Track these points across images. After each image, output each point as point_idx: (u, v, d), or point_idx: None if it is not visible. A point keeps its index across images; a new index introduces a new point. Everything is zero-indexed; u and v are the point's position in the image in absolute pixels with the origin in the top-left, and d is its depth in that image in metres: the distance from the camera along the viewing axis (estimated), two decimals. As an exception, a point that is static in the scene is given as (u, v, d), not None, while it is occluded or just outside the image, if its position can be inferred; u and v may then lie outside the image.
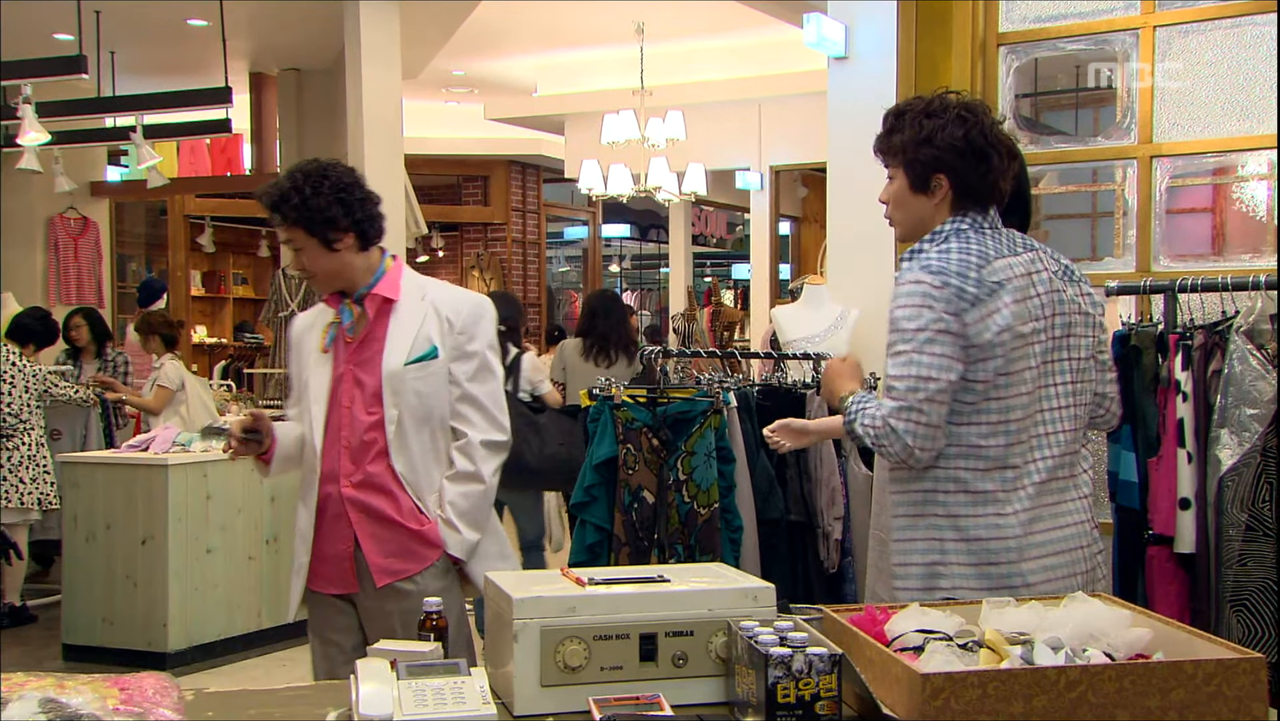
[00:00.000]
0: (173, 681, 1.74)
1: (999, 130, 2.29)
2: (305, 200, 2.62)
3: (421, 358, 2.68)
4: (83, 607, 5.52)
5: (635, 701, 1.68)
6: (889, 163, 2.33)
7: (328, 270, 2.69)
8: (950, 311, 2.15)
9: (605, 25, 9.20)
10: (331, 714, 1.65)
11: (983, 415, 2.19)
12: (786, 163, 10.68)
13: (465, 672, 1.70)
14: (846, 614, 1.82)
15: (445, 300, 2.74)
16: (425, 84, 10.21)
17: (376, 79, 6.51)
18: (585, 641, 1.73)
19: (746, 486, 3.60)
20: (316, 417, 2.70)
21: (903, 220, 2.35)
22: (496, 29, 9.06)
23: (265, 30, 8.24)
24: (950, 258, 2.19)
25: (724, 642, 1.75)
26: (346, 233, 2.66)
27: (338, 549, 2.71)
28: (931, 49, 3.50)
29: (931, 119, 2.25)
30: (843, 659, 1.55)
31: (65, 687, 1.57)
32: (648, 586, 1.83)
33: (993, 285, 2.18)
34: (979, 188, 2.26)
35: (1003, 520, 2.19)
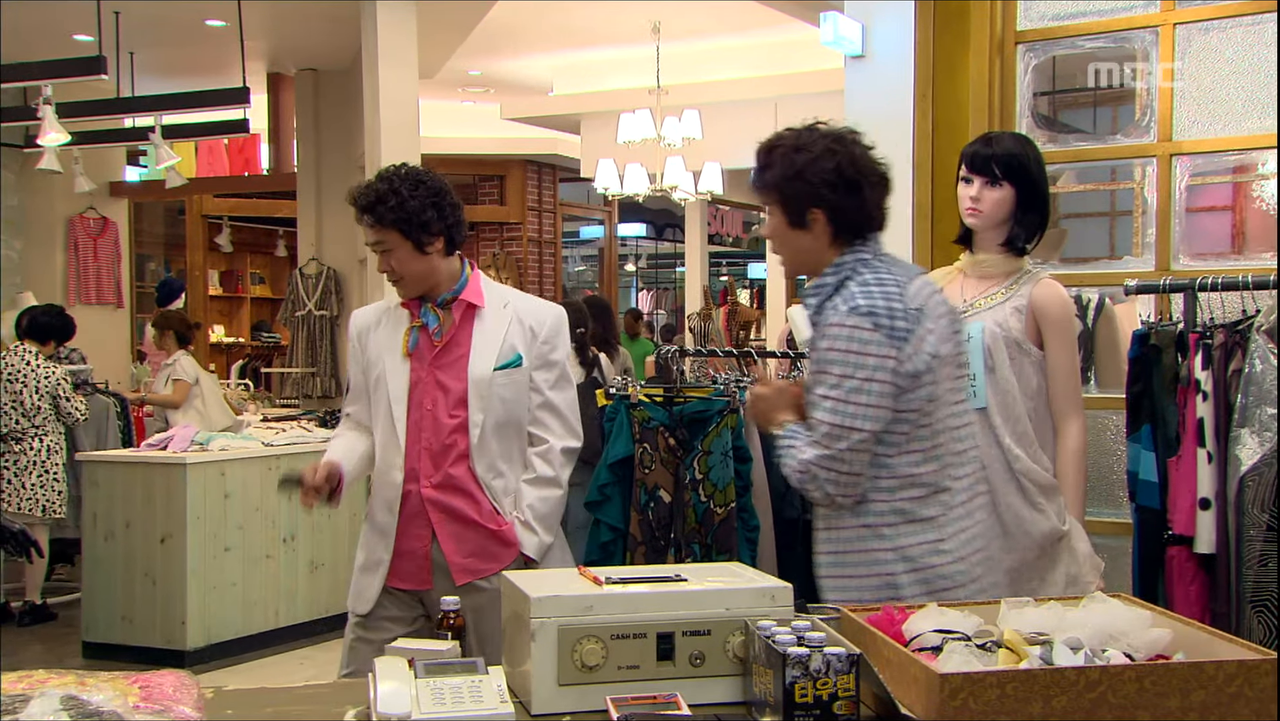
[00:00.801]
0: (192, 679, 1.75)
1: (870, 157, 2.29)
2: (403, 202, 2.67)
3: (508, 365, 2.75)
4: (102, 605, 5.55)
5: (653, 700, 1.68)
6: (765, 200, 2.33)
7: (417, 273, 2.73)
8: (884, 355, 2.14)
9: (621, 25, 9.20)
10: (350, 712, 1.66)
11: (915, 443, 2.19)
12: (803, 162, 10.64)
13: (483, 671, 1.70)
14: (864, 614, 1.81)
15: (528, 310, 2.83)
16: (442, 84, 10.23)
17: (393, 79, 6.52)
18: (602, 640, 1.73)
19: (763, 486, 3.59)
20: (399, 418, 2.75)
21: (787, 256, 2.35)
22: (513, 29, 9.07)
23: (283, 31, 8.27)
24: (873, 292, 2.18)
25: (741, 642, 1.75)
26: (438, 236, 2.71)
27: (414, 546, 2.76)
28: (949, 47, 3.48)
29: (801, 153, 2.25)
30: (861, 658, 1.55)
31: (86, 685, 1.59)
32: (665, 586, 1.82)
33: (915, 313, 2.18)
34: (856, 218, 2.25)
35: (944, 546, 2.20)
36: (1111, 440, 3.45)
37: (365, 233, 2.75)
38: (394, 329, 2.82)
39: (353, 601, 2.84)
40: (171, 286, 11.47)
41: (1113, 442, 3.44)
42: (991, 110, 3.58)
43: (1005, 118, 3.62)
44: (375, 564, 2.79)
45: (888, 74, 3.91)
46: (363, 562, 2.82)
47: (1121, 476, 3.13)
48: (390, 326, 2.83)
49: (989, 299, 2.70)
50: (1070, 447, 2.64)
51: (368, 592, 2.79)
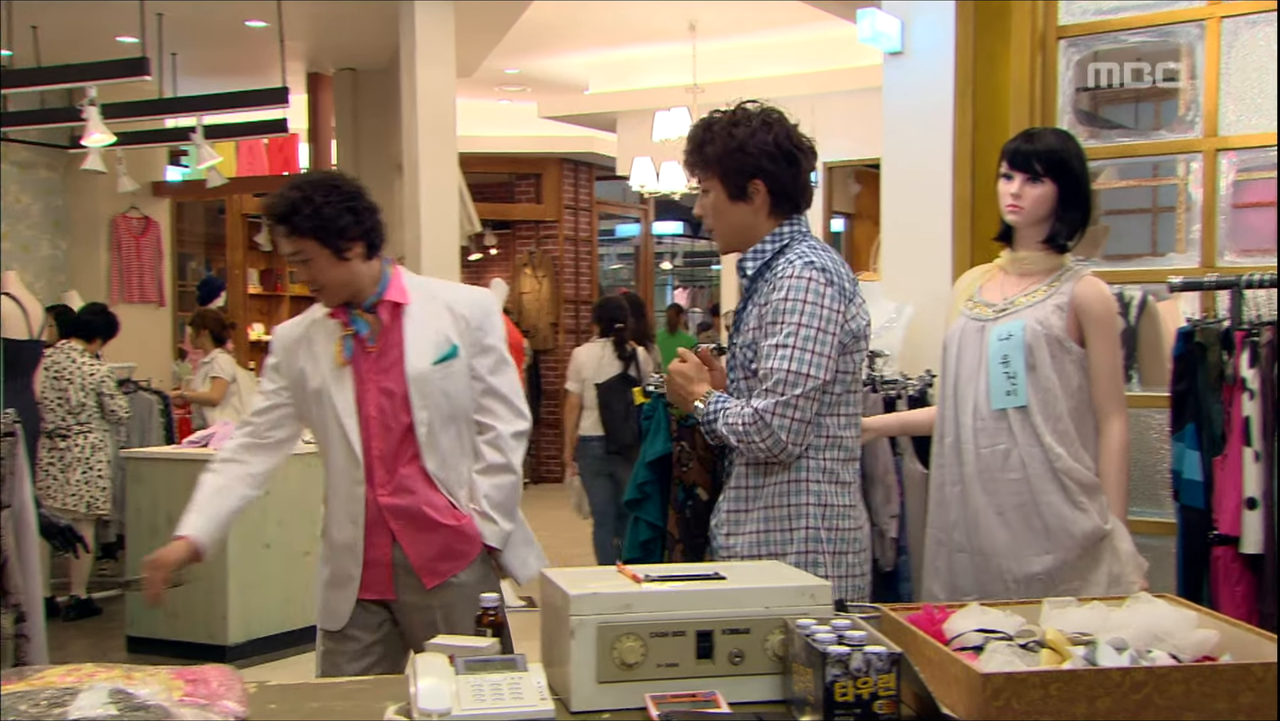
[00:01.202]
0: (236, 674, 1.77)
1: (800, 133, 2.41)
2: (318, 209, 2.60)
3: (445, 357, 2.70)
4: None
5: (692, 698, 1.68)
6: (703, 175, 2.41)
7: (337, 280, 2.66)
8: (836, 308, 2.26)
9: (658, 23, 9.19)
10: (391, 708, 1.66)
11: (844, 406, 2.33)
12: (839, 159, 10.60)
13: (523, 668, 1.70)
14: (904, 612, 1.81)
15: (457, 298, 2.77)
16: (479, 82, 10.26)
17: (431, 78, 6.56)
18: (642, 638, 1.73)
19: (801, 484, 3.58)
20: (351, 430, 2.68)
21: (724, 230, 2.42)
22: (549, 27, 9.09)
23: (322, 31, 8.33)
24: (823, 254, 2.31)
25: (781, 640, 1.74)
26: (356, 241, 2.64)
27: (377, 555, 2.72)
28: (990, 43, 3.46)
29: (740, 127, 2.36)
30: (902, 658, 1.54)
31: (133, 679, 1.61)
32: (704, 584, 1.82)
33: (853, 281, 2.33)
34: (792, 189, 2.37)
35: (853, 510, 2.35)
36: (1155, 439, 3.41)
37: (281, 244, 2.67)
38: (325, 341, 2.74)
39: (323, 619, 2.80)
40: (212, 285, 11.58)
41: (1156, 441, 3.41)
42: (1033, 106, 3.54)
43: (1046, 113, 3.59)
44: (346, 580, 2.74)
45: (927, 70, 3.89)
46: (329, 579, 2.78)
47: (1165, 475, 3.09)
48: (321, 339, 2.74)
49: (1029, 296, 2.67)
50: (1113, 446, 2.61)
51: (341, 609, 2.75)
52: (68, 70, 6.73)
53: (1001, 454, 2.62)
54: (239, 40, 8.38)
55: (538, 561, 2.89)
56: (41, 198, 9.39)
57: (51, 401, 6.19)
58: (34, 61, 7.16)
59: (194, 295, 11.47)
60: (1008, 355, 2.62)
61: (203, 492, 2.73)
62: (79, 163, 7.62)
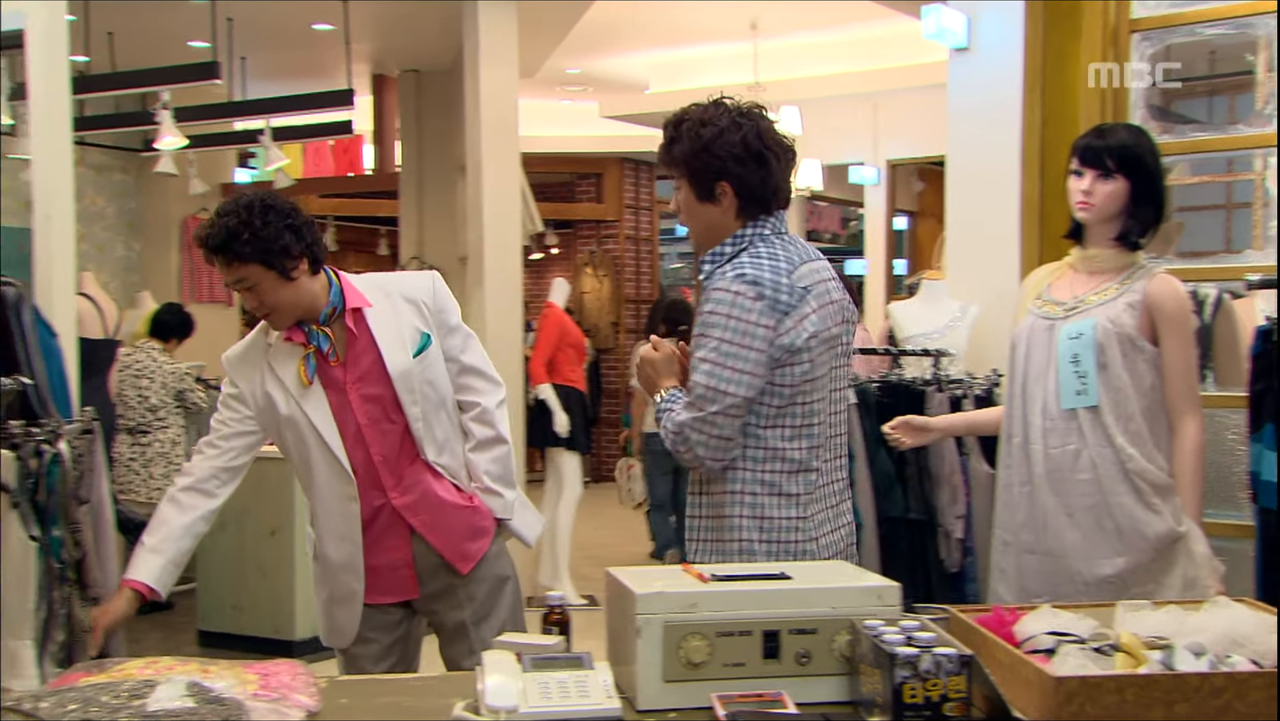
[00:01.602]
0: (307, 669, 1.80)
1: (776, 131, 2.33)
2: (256, 233, 2.51)
3: (421, 348, 2.68)
4: (215, 595, 5.72)
5: (759, 698, 1.67)
6: (673, 174, 2.37)
7: (287, 302, 2.58)
8: (764, 323, 2.19)
9: (719, 22, 9.16)
10: (459, 704, 1.68)
11: (787, 419, 2.25)
12: (903, 157, 10.51)
13: (589, 666, 1.71)
14: (973, 614, 1.79)
15: (406, 288, 2.73)
16: (540, 83, 10.31)
17: (494, 79, 6.59)
18: (708, 637, 1.73)
19: (866, 484, 3.56)
20: (336, 447, 2.62)
21: (695, 229, 2.39)
22: (611, 27, 9.10)
23: (386, 33, 8.42)
24: (763, 265, 2.24)
25: (848, 641, 1.73)
26: (300, 259, 2.57)
27: (391, 558, 2.69)
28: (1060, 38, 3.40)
29: (708, 127, 2.29)
30: (973, 660, 1.52)
31: (209, 672, 1.64)
32: (770, 583, 1.81)
33: (801, 291, 2.24)
34: (761, 191, 2.30)
35: (803, 523, 2.27)
36: (1232, 440, 3.34)
37: (223, 273, 2.58)
38: (284, 364, 2.64)
39: (329, 637, 2.76)
40: (279, 285, 11.75)
41: (1233, 442, 3.33)
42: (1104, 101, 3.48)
43: (1118, 109, 3.52)
44: (349, 595, 2.69)
45: (994, 66, 3.85)
46: (330, 597, 2.73)
47: (1242, 477, 3.03)
48: (282, 362, 2.64)
49: (1100, 294, 2.63)
50: (1187, 447, 2.56)
51: (348, 626, 2.71)
52: (142, 75, 6.87)
53: (1071, 454, 2.58)
54: (306, 43, 8.50)
55: (536, 520, 2.93)
56: (116, 200, 9.59)
57: (132, 399, 6.34)
58: (110, 67, 7.31)
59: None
60: (1078, 354, 2.58)
61: (164, 530, 2.60)
62: (152, 165, 7.78)
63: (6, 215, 7.68)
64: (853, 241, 16.91)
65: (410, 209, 9.50)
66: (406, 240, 9.60)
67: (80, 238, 9.29)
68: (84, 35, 6.68)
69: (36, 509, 2.39)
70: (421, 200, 9.39)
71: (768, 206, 2.32)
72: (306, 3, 7.36)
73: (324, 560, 2.72)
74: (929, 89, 7.24)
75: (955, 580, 3.73)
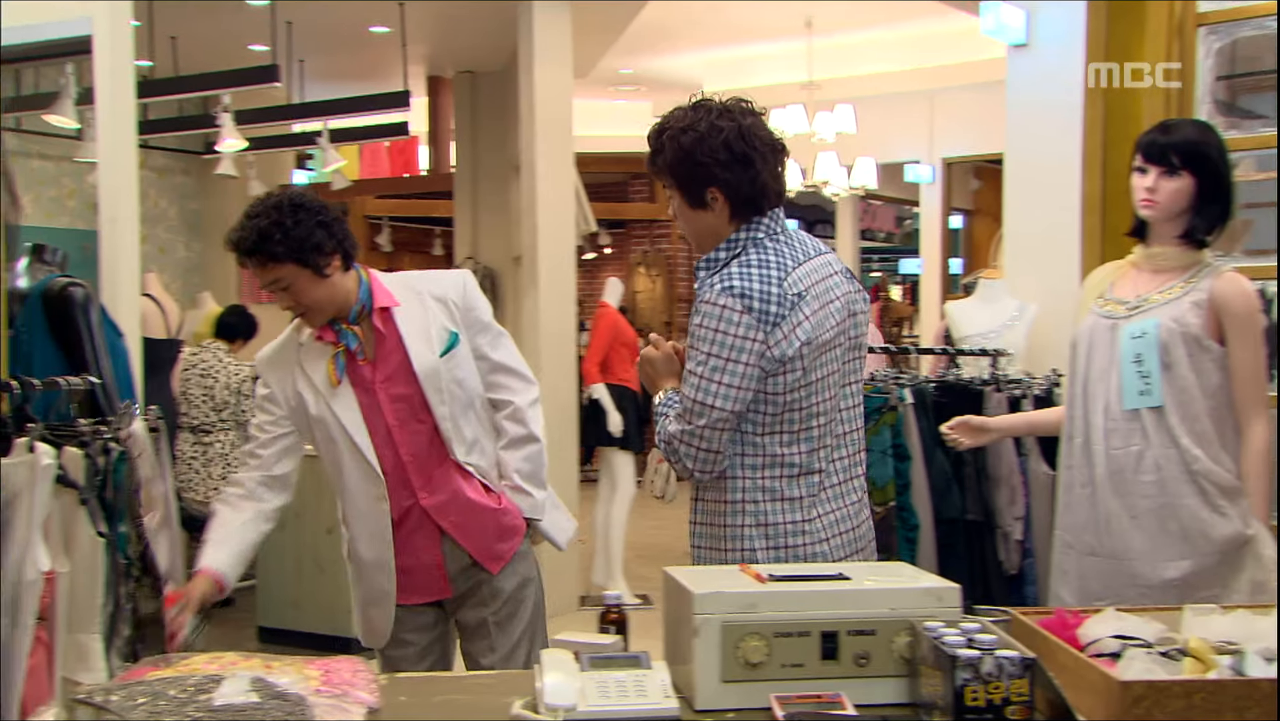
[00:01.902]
0: (367, 665, 1.82)
1: (761, 126, 2.27)
2: (289, 232, 2.50)
3: (449, 347, 2.65)
4: (275, 592, 5.80)
5: (818, 700, 1.66)
6: (664, 183, 2.33)
7: (321, 299, 2.58)
8: (752, 337, 2.15)
9: (773, 20, 9.13)
10: (517, 702, 1.69)
11: (784, 425, 2.21)
12: (959, 154, 10.42)
13: (647, 666, 1.71)
14: (1035, 616, 1.76)
15: (437, 286, 2.71)
16: (594, 83, 10.33)
17: (548, 79, 6.62)
18: (766, 638, 1.72)
19: (923, 484, 3.53)
20: (365, 447, 2.61)
21: (693, 235, 2.36)
22: (665, 27, 9.10)
23: (442, 34, 8.48)
24: (751, 275, 2.18)
25: (908, 643, 1.71)
26: (333, 255, 2.57)
27: (422, 560, 2.68)
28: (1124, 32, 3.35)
29: (688, 133, 2.25)
30: (1035, 663, 1.50)
31: (272, 668, 1.66)
32: (829, 584, 1.80)
33: (794, 298, 2.19)
34: (751, 193, 2.25)
35: (809, 525, 2.23)
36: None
37: (257, 276, 2.56)
38: (315, 364, 2.64)
39: (365, 638, 2.76)
40: (335, 285, 11.88)
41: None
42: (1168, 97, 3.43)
43: (1184, 104, 3.46)
44: (381, 596, 2.69)
45: (1054, 62, 3.80)
46: (364, 597, 2.73)
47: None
48: (313, 362, 2.64)
49: (1165, 293, 2.59)
50: (1255, 448, 2.51)
51: (381, 626, 2.71)
52: (204, 79, 6.99)
53: (1135, 455, 2.54)
54: (363, 46, 8.59)
55: (569, 522, 2.88)
56: (178, 202, 9.75)
57: (196, 398, 6.45)
58: (173, 71, 7.44)
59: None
60: (1141, 354, 2.54)
61: (222, 526, 2.63)
62: (212, 167, 7.90)
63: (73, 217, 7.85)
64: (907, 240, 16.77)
65: (465, 209, 9.56)
66: (461, 240, 9.67)
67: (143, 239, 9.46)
68: (148, 40, 6.80)
69: (103, 505, 2.43)
70: (476, 200, 9.44)
71: (760, 207, 2.27)
72: (364, 4, 7.43)
73: (357, 560, 2.72)
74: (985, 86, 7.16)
75: (1014, 582, 3.69)
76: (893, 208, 15.86)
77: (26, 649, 2.27)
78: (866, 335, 2.37)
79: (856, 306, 2.33)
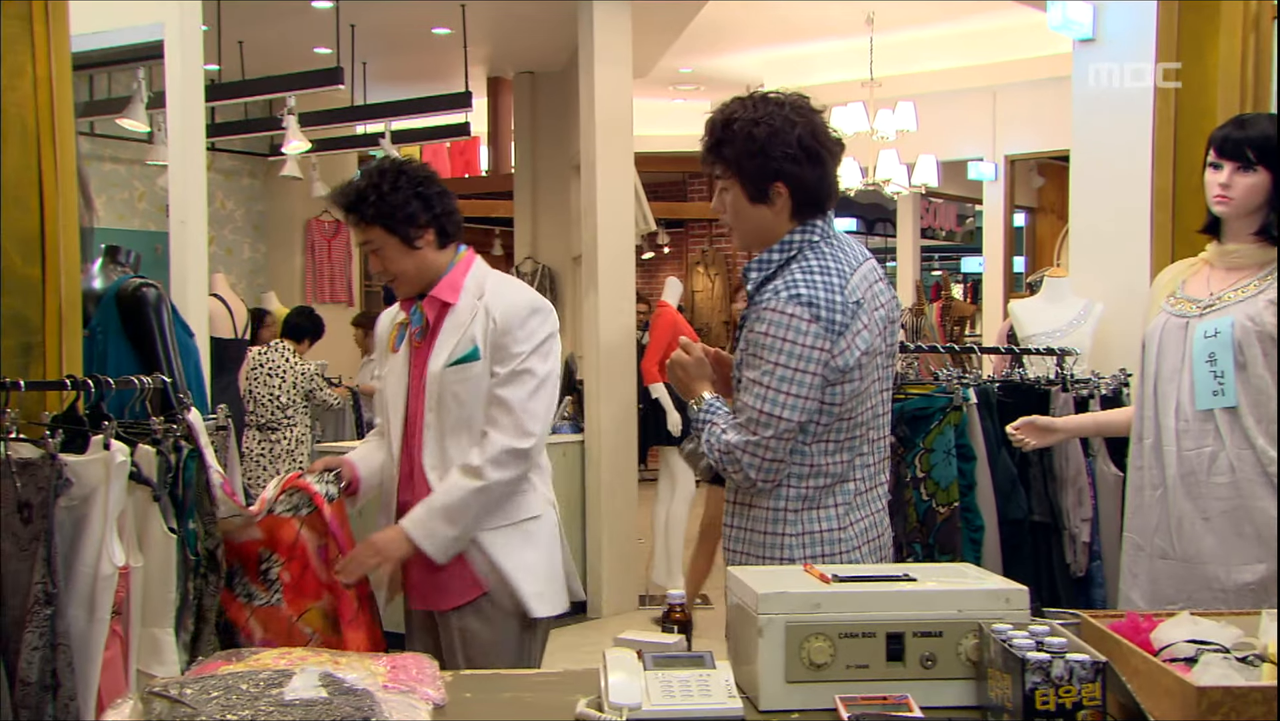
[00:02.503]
0: (433, 662, 1.83)
1: (827, 126, 2.25)
2: (383, 196, 2.52)
3: (463, 359, 2.54)
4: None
5: (883, 701, 1.65)
6: (721, 174, 2.27)
7: (409, 270, 2.57)
8: (819, 346, 2.12)
9: (833, 18, 9.08)
10: (582, 701, 1.69)
11: (832, 434, 2.20)
12: (1022, 151, 10.29)
13: (711, 665, 1.71)
14: (1106, 620, 1.74)
15: (497, 299, 2.58)
16: (653, 82, 10.34)
17: (608, 79, 6.63)
18: (830, 639, 1.71)
19: (987, 485, 3.49)
20: (395, 423, 2.60)
21: (744, 232, 2.30)
22: (724, 26, 9.09)
23: (503, 35, 8.54)
24: (815, 281, 2.15)
25: (975, 645, 1.69)
26: (427, 229, 2.55)
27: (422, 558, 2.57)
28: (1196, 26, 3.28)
29: (761, 126, 2.20)
30: (1107, 666, 1.48)
31: (340, 664, 1.68)
32: (894, 585, 1.79)
33: (854, 306, 2.17)
34: (818, 191, 2.21)
35: (844, 534, 2.23)
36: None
37: (353, 234, 2.62)
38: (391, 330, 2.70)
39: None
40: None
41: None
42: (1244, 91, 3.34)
43: (1260, 99, 3.38)
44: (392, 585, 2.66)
45: (1123, 56, 3.74)
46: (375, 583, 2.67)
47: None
48: (392, 325, 2.70)
49: (1239, 291, 2.54)
50: (1335, 450, 2.45)
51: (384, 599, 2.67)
52: (270, 82, 7.10)
53: (1208, 456, 2.49)
54: (424, 47, 8.67)
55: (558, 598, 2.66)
56: (244, 203, 9.92)
57: (262, 397, 6.56)
58: (239, 75, 7.57)
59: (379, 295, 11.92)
60: (1214, 353, 2.49)
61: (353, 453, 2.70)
62: (277, 169, 8.04)
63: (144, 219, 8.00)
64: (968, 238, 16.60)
65: (524, 209, 9.61)
66: (520, 240, 9.73)
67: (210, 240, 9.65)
68: (216, 44, 6.92)
69: (174, 502, 2.48)
70: (536, 200, 9.49)
71: (822, 207, 2.24)
72: (426, 5, 7.50)
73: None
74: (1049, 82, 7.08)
75: (1080, 584, 3.63)
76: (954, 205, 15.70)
77: (103, 642, 2.32)
78: (898, 342, 2.37)
79: (895, 314, 2.32)
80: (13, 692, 2.27)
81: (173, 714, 1.46)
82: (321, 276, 10.33)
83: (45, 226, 2.67)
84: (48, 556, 2.27)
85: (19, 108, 2.64)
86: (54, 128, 2.69)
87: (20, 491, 2.31)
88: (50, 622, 2.26)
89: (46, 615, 2.26)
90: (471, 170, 12.26)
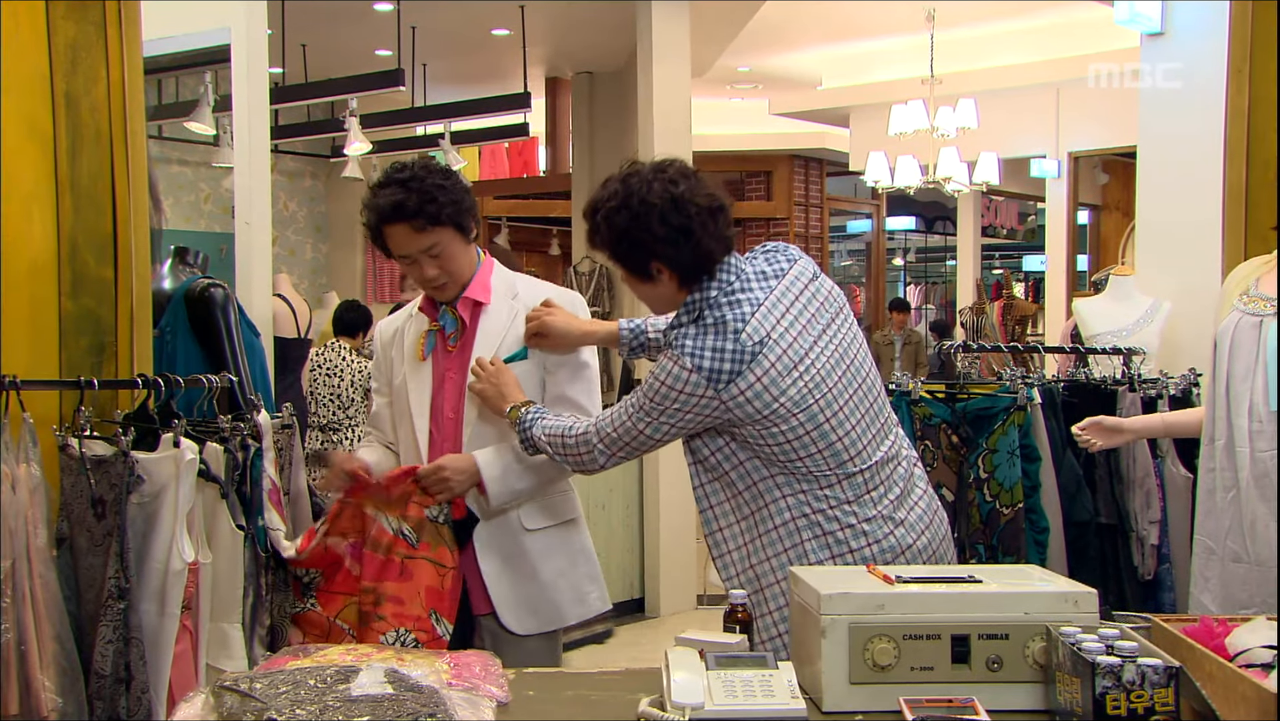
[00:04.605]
0: (495, 660, 1.84)
1: (695, 191, 2.19)
2: (450, 194, 2.42)
3: (511, 358, 2.51)
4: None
5: (949, 704, 1.64)
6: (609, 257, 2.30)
7: (464, 266, 2.50)
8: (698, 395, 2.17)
9: (894, 15, 9.01)
10: (644, 700, 1.69)
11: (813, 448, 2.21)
12: (1086, 148, 10.13)
13: (773, 666, 1.70)
14: (1178, 624, 1.71)
15: (534, 298, 2.57)
16: (711, 81, 10.33)
17: (667, 78, 6.63)
18: (894, 640, 1.70)
19: (1052, 486, 3.44)
20: (420, 430, 2.54)
21: (649, 304, 2.36)
22: (783, 24, 9.05)
23: (561, 35, 8.57)
24: (705, 344, 2.16)
25: (1042, 648, 1.67)
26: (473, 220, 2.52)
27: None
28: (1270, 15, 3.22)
29: (622, 213, 2.19)
30: (1181, 672, 1.45)
31: (404, 661, 1.70)
32: (959, 586, 1.77)
33: (755, 348, 2.15)
34: (693, 261, 2.21)
35: (867, 527, 2.24)
36: None
37: (405, 243, 2.42)
38: (412, 335, 2.59)
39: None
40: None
41: None
42: (1320, 84, 3.27)
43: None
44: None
45: (1192, 50, 3.67)
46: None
47: None
48: (411, 332, 2.60)
49: (1315, 289, 2.48)
50: None
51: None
52: (332, 84, 7.19)
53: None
54: (484, 48, 8.73)
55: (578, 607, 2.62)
56: (306, 204, 10.06)
57: (323, 397, 6.62)
58: (303, 78, 7.67)
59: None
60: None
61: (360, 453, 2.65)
62: (339, 171, 8.14)
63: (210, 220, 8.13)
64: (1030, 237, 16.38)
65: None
66: (578, 240, 9.76)
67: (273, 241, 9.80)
68: (280, 47, 7.02)
69: (241, 500, 2.52)
70: (594, 200, 9.51)
71: (708, 270, 2.22)
72: (486, 6, 7.55)
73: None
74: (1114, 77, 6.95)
75: (1149, 588, 3.57)
76: (1015, 203, 15.51)
77: (174, 636, 2.36)
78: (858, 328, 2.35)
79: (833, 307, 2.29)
80: (88, 685, 2.32)
81: (243, 707, 1.49)
82: (381, 276, 10.45)
83: (118, 228, 2.72)
84: (121, 551, 2.32)
85: (94, 112, 2.70)
86: (126, 131, 2.74)
87: (94, 488, 2.36)
88: (124, 617, 2.31)
89: (120, 609, 2.31)
90: (530, 170, 12.32)
